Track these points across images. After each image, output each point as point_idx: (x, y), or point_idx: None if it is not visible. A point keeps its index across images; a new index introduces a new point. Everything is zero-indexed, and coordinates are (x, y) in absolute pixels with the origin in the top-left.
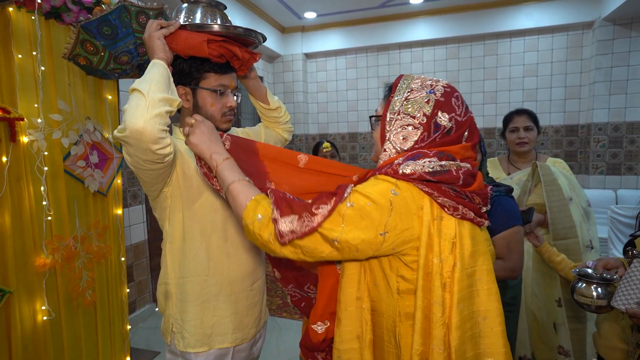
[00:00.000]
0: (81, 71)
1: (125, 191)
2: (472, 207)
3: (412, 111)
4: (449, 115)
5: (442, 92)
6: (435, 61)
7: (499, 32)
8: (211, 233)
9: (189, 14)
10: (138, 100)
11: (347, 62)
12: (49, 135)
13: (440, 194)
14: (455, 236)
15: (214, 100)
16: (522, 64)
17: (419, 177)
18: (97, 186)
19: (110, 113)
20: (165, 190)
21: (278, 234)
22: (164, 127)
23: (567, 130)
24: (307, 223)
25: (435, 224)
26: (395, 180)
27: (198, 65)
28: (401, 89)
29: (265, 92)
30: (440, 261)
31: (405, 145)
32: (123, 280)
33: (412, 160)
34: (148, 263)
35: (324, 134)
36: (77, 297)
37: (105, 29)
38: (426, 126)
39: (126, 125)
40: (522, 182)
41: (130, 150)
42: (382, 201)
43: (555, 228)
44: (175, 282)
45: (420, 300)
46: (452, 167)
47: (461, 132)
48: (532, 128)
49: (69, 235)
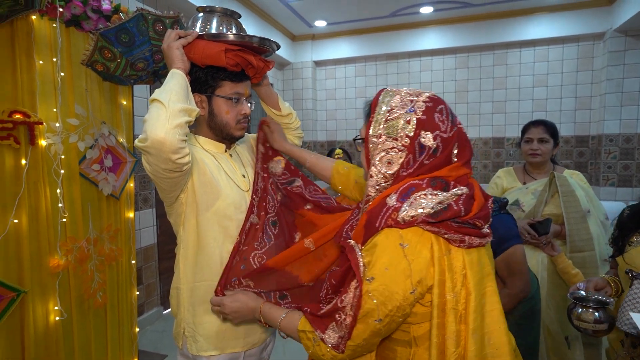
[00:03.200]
0: (98, 77)
1: (137, 195)
2: (476, 233)
3: (393, 133)
4: (433, 133)
5: (423, 109)
6: (445, 70)
7: (508, 42)
8: (224, 239)
9: (205, 23)
10: (159, 111)
11: (356, 70)
12: (66, 139)
13: (445, 230)
14: (464, 267)
15: (229, 107)
16: (532, 74)
17: (422, 221)
18: (111, 189)
19: (125, 118)
20: (181, 197)
21: (333, 348)
22: (184, 137)
23: (577, 141)
24: (344, 323)
25: (445, 259)
26: (399, 230)
27: (214, 73)
28: (381, 109)
29: (277, 99)
30: (454, 296)
31: (391, 169)
32: (133, 283)
33: (407, 201)
34: (157, 266)
35: (332, 141)
36: (88, 299)
37: (122, 36)
38: (410, 148)
39: (147, 135)
40: (537, 192)
41: (151, 160)
42: (397, 259)
43: (573, 240)
44: (188, 286)
45: (435, 338)
46: (450, 200)
47: (449, 150)
48: (547, 140)
49: (82, 238)
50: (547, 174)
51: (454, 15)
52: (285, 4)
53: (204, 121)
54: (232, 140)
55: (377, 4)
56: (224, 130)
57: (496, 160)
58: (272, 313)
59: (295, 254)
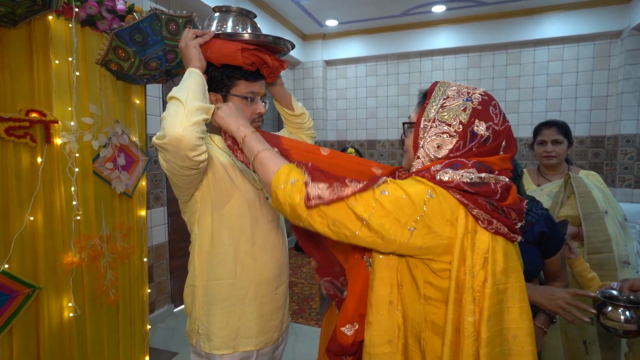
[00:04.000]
0: (112, 76)
1: (148, 193)
2: (507, 223)
3: (448, 119)
4: (487, 124)
5: (480, 100)
6: (457, 70)
7: (522, 41)
8: (239, 237)
9: (221, 23)
10: (177, 108)
11: (367, 70)
12: (80, 137)
13: (475, 206)
14: (488, 251)
15: (244, 106)
16: (546, 74)
17: (456, 185)
18: (123, 188)
19: (138, 117)
20: (196, 195)
21: (306, 197)
22: (201, 134)
23: (592, 141)
24: (336, 191)
25: (469, 237)
26: (432, 184)
27: (229, 72)
28: (437, 96)
29: (290, 98)
30: (472, 276)
31: (439, 153)
32: (145, 280)
33: (451, 169)
34: (168, 264)
35: (343, 141)
36: (101, 296)
37: (136, 36)
38: (462, 134)
39: (166, 132)
40: (553, 193)
41: (168, 157)
42: (417, 199)
43: (590, 242)
44: (203, 284)
45: (452, 313)
46: (490, 180)
47: (499, 142)
48: (560, 141)
49: (96, 235)
50: (562, 175)
51: (466, 14)
52: (296, 3)
53: None
54: None
55: (389, 3)
56: None
57: None
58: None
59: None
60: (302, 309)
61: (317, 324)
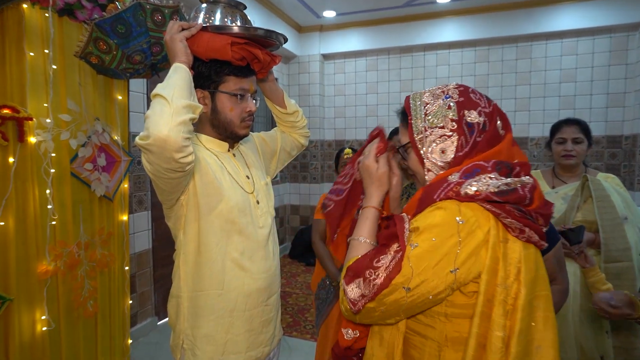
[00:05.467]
0: (92, 70)
1: (131, 196)
2: (537, 229)
3: (438, 122)
4: (476, 110)
5: (458, 93)
6: (463, 64)
7: (533, 33)
8: (227, 244)
9: (208, 15)
10: (162, 107)
11: (367, 64)
12: (57, 136)
13: (507, 215)
14: (520, 260)
15: (234, 104)
16: (559, 69)
17: (485, 197)
18: (104, 190)
19: (120, 114)
20: (182, 199)
21: (350, 303)
22: (188, 134)
23: (608, 141)
24: (371, 282)
25: (501, 247)
26: (459, 204)
27: (218, 68)
28: (416, 108)
29: (283, 95)
30: (504, 288)
31: (446, 157)
32: (126, 291)
33: (472, 178)
34: (151, 273)
35: (341, 140)
36: (78, 308)
37: (119, 27)
38: (459, 130)
39: (150, 132)
40: (568, 196)
41: (152, 158)
42: (449, 233)
43: (608, 249)
44: (188, 295)
45: (477, 328)
46: (517, 185)
47: (494, 122)
48: (581, 140)
49: (73, 242)
50: (578, 177)
51: (473, 5)
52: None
53: (206, 119)
54: (236, 139)
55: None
56: (228, 129)
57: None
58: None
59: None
60: (297, 322)
61: (313, 337)
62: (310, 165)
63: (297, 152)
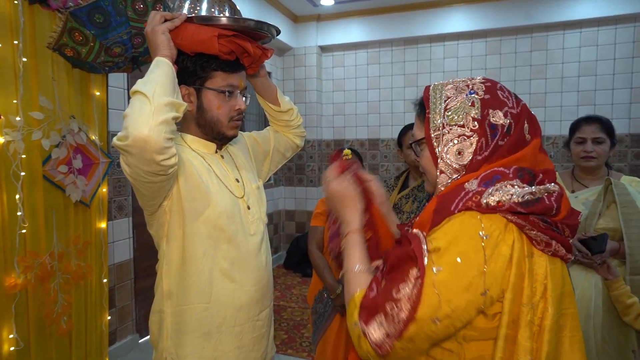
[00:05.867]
0: (67, 64)
1: (110, 202)
2: (563, 241)
3: (458, 119)
4: (502, 110)
5: (484, 89)
6: (473, 57)
7: (549, 23)
8: (215, 254)
9: (194, 5)
10: (142, 105)
11: (368, 57)
12: (28, 135)
13: (532, 227)
14: (546, 277)
15: (221, 102)
16: (578, 61)
17: (509, 208)
18: (80, 195)
19: (98, 111)
20: (165, 204)
21: (375, 346)
22: (170, 135)
23: (632, 140)
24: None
25: (526, 262)
26: (480, 215)
27: (204, 62)
28: (435, 101)
29: (276, 92)
30: (531, 307)
31: (463, 159)
32: (104, 305)
33: (493, 186)
34: (132, 286)
35: (340, 140)
36: (50, 325)
37: (96, 16)
38: (480, 131)
39: (129, 132)
40: (589, 202)
41: (131, 161)
42: (473, 250)
43: (634, 260)
44: (172, 310)
45: (501, 352)
46: (542, 193)
47: (521, 125)
48: (602, 140)
49: (45, 252)
50: (600, 180)
51: None
52: None
53: (191, 117)
54: (224, 140)
55: None
56: (215, 128)
57: None
58: (354, 250)
59: None
60: (292, 338)
61: (310, 355)
62: (306, 167)
63: (291, 153)
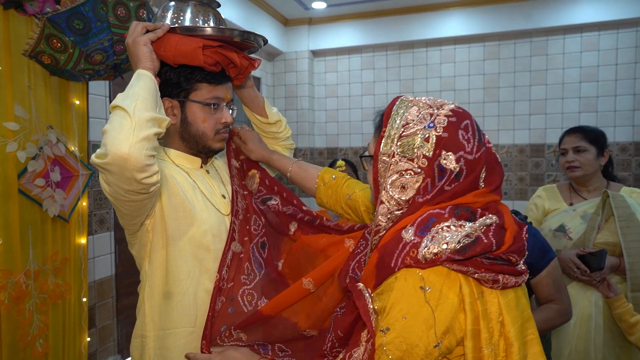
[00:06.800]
0: (44, 71)
1: (90, 215)
2: (512, 271)
3: (409, 152)
4: (456, 155)
5: (445, 125)
6: (470, 62)
7: (549, 27)
8: (200, 274)
9: (177, 14)
10: (122, 120)
11: (362, 62)
12: (2, 147)
13: (475, 269)
14: (500, 313)
15: (207, 115)
16: (579, 67)
17: (447, 259)
18: (58, 210)
19: (78, 121)
20: (147, 223)
21: None
22: (152, 152)
23: (636, 148)
24: None
25: (478, 304)
26: (420, 271)
27: (188, 74)
28: (394, 122)
29: (263, 103)
30: (492, 349)
31: (405, 195)
32: (83, 326)
33: (428, 233)
34: (114, 304)
35: (333, 148)
36: (24, 348)
37: (76, 22)
38: (428, 171)
39: (108, 150)
40: (588, 215)
41: (110, 179)
42: (417, 306)
43: (635, 276)
44: (155, 334)
45: None
46: (479, 232)
47: (475, 174)
48: (584, 149)
49: (20, 270)
50: (598, 192)
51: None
52: None
53: (175, 131)
54: (210, 154)
55: None
56: (200, 142)
57: (535, 172)
58: None
59: (292, 296)
60: None
61: None
62: None
63: None
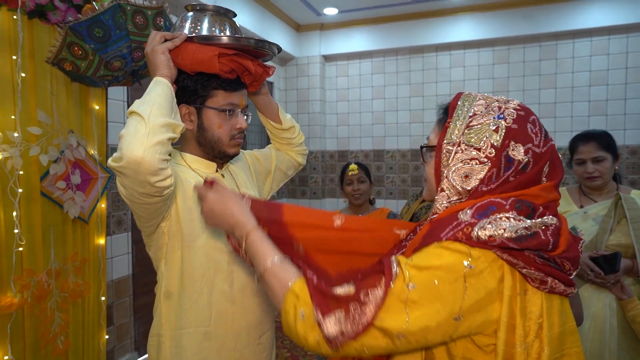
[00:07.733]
0: (66, 77)
1: (109, 217)
2: (562, 277)
3: (477, 141)
4: (525, 146)
5: (515, 117)
6: (480, 66)
7: (559, 31)
8: (214, 276)
9: (194, 24)
10: (137, 125)
11: (373, 67)
12: (26, 151)
13: (525, 264)
14: (541, 315)
15: (222, 121)
16: (589, 70)
17: (500, 244)
18: (78, 211)
19: (97, 125)
20: (163, 226)
21: (326, 339)
22: (165, 156)
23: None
24: (358, 319)
25: (518, 300)
26: (469, 248)
27: (204, 81)
28: (461, 113)
29: (277, 109)
30: (525, 348)
31: (468, 184)
32: (102, 324)
33: (486, 218)
34: (131, 303)
35: (344, 151)
36: (46, 345)
37: (96, 30)
38: (495, 161)
39: (123, 153)
40: (599, 217)
41: (126, 182)
42: (454, 277)
43: None
44: (171, 334)
45: None
46: (538, 227)
47: (539, 167)
48: (602, 158)
49: (42, 270)
50: (609, 194)
51: (491, 0)
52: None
53: (192, 137)
54: (225, 159)
55: None
56: (216, 147)
57: None
58: (262, 247)
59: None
60: (295, 357)
61: None
62: (310, 178)
63: (293, 171)
